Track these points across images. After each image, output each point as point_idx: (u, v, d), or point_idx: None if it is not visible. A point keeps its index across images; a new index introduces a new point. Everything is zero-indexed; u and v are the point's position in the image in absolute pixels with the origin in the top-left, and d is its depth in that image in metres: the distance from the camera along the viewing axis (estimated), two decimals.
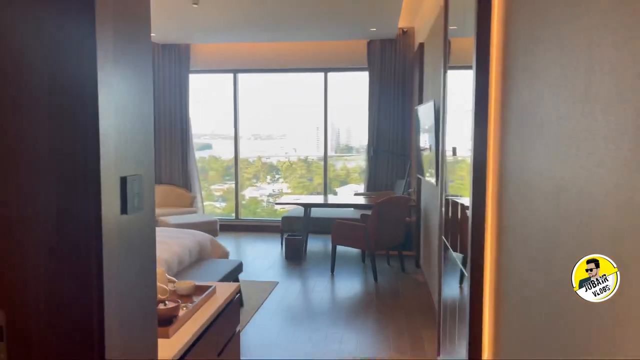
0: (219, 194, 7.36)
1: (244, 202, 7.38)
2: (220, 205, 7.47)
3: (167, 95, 7.37)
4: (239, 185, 7.79)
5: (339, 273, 5.43)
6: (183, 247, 4.01)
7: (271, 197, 7.38)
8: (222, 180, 7.40)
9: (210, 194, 7.27)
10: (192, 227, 5.95)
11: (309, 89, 7.78)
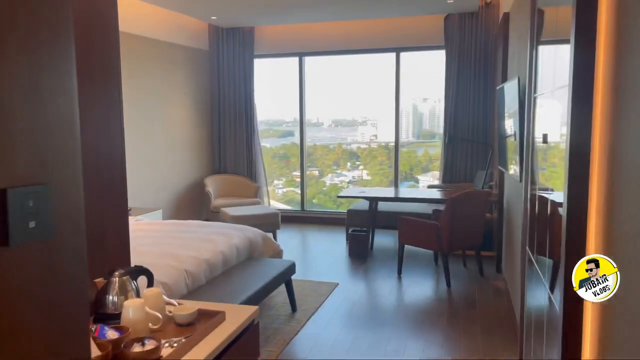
0: (300, 180, 7.21)
1: (325, 188, 7.19)
2: (299, 192, 7.23)
3: (232, 82, 7.12)
4: (305, 175, 7.42)
5: (407, 275, 4.88)
6: (230, 246, 3.67)
7: (351, 184, 7.15)
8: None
9: (292, 180, 7.12)
10: (252, 220, 5.66)
11: (380, 70, 7.20)
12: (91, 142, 1.74)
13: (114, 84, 1.84)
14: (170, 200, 6.41)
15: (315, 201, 7.26)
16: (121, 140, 1.89)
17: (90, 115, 1.73)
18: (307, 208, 7.49)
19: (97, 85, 1.76)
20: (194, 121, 6.93)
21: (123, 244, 1.91)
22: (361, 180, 7.25)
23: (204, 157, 7.19)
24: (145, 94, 5.90)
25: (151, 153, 6.04)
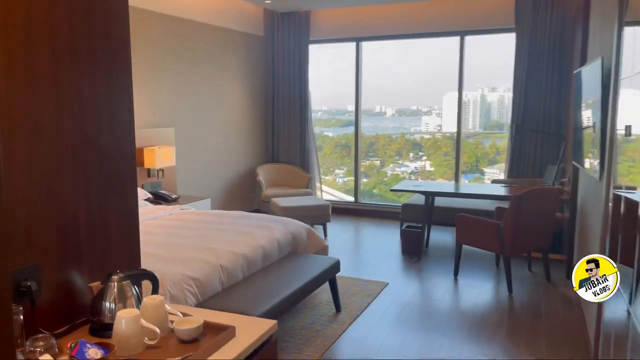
0: (361, 170, 7.09)
1: (386, 179, 7.02)
2: (362, 181, 7.11)
3: (286, 68, 6.91)
4: (359, 165, 7.12)
5: (465, 276, 4.49)
6: (271, 240, 3.46)
7: (413, 175, 6.99)
8: (365, 156, 7.12)
9: (353, 169, 6.88)
10: (302, 211, 5.46)
11: (441, 56, 6.75)
12: (91, 133, 1.55)
13: (121, 70, 1.64)
14: (222, 189, 6.33)
15: (376, 191, 7.10)
16: (130, 130, 1.69)
17: (88, 103, 1.53)
18: (362, 200, 7.20)
19: (98, 71, 1.56)
20: (248, 108, 6.80)
21: (131, 243, 1.72)
22: (424, 171, 7.04)
23: (257, 146, 7.05)
24: (199, 81, 5.81)
25: (203, 140, 5.96)
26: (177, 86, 5.50)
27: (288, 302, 3.00)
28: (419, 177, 6.95)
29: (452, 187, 5.43)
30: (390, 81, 7.20)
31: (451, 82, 6.47)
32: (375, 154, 7.18)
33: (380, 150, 7.18)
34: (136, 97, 4.62)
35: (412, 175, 7.05)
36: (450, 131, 6.89)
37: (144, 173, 5.04)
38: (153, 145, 5.06)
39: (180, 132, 5.57)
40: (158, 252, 2.98)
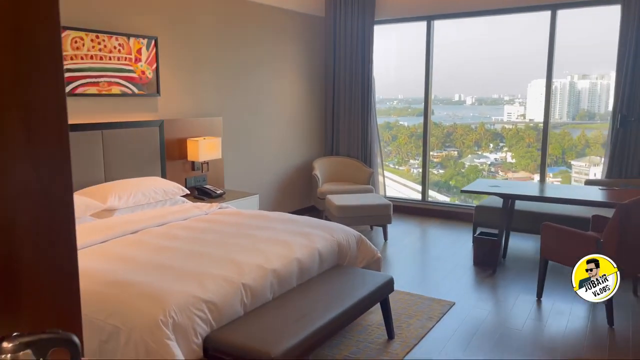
0: (437, 161, 6.79)
1: (463, 170, 6.63)
2: (437, 172, 6.76)
3: (348, 52, 6.29)
4: (427, 160, 6.39)
5: (551, 298, 3.71)
6: (310, 251, 2.90)
7: (492, 167, 6.60)
8: (441, 146, 6.85)
9: (428, 159, 6.45)
10: (359, 211, 4.89)
11: (527, 36, 5.84)
12: None
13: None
14: (275, 184, 5.86)
15: (452, 183, 6.69)
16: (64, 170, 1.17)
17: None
18: (433, 195, 6.47)
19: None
20: (304, 96, 6.27)
21: (61, 281, 1.21)
22: (505, 163, 6.54)
23: (314, 137, 6.52)
24: (250, 66, 5.35)
25: (254, 131, 5.51)
26: (226, 72, 5.07)
27: (325, 332, 2.44)
28: (499, 168, 6.47)
29: (536, 189, 4.58)
30: (468, 67, 6.42)
31: (537, 68, 5.57)
32: (452, 144, 6.80)
33: (458, 140, 6.78)
34: (179, 84, 4.17)
35: (492, 167, 6.61)
36: (535, 121, 6.08)
37: (187, 166, 4.66)
38: (198, 136, 4.67)
39: (229, 122, 5.15)
40: (171, 265, 2.52)
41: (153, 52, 4.23)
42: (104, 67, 3.88)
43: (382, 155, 6.50)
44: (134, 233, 3.14)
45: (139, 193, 3.67)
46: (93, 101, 3.87)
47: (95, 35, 3.80)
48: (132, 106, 4.16)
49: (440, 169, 6.98)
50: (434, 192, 6.58)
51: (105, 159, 3.89)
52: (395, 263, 4.59)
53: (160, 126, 4.34)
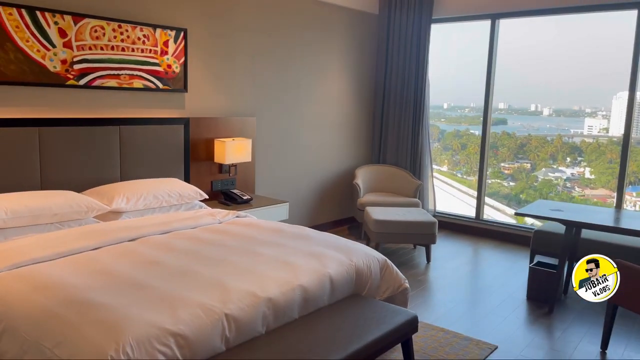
0: (508, 172, 6.42)
1: (536, 183, 6.25)
2: (508, 185, 6.39)
3: (401, 53, 5.79)
4: (484, 175, 5.76)
5: (619, 349, 3.05)
6: (319, 277, 2.47)
7: (568, 182, 6.21)
8: (513, 158, 6.51)
9: (499, 171, 6.33)
10: (400, 227, 4.43)
11: (612, 40, 5.09)
12: None
13: None
14: (312, 191, 5.46)
15: (523, 196, 6.27)
16: None
17: None
18: (486, 216, 5.84)
19: None
20: (351, 99, 5.83)
21: None
22: (582, 179, 6.13)
23: (360, 143, 6.05)
24: (292, 64, 4.99)
25: (291, 133, 5.14)
26: (263, 69, 4.73)
27: None
28: (575, 184, 6.07)
29: (608, 216, 3.88)
30: (544, 75, 5.78)
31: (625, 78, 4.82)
32: (525, 156, 6.41)
33: (532, 152, 6.40)
34: (209, 80, 3.84)
35: (567, 182, 6.22)
36: (618, 135, 5.42)
37: (214, 168, 4.36)
38: (227, 137, 4.36)
39: (263, 123, 4.81)
40: (149, 284, 2.18)
41: (181, 44, 3.96)
42: (126, 59, 3.64)
43: (432, 164, 5.93)
44: (131, 241, 2.85)
45: (150, 196, 3.38)
46: (112, 94, 3.64)
47: (118, 24, 3.57)
48: (155, 102, 3.91)
49: (511, 181, 6.63)
50: (502, 205, 6.20)
51: (122, 156, 3.65)
52: (434, 290, 4.05)
53: (185, 124, 4.06)
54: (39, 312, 1.96)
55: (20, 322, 1.96)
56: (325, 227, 5.62)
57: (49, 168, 3.27)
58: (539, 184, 6.29)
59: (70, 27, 3.32)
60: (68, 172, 3.36)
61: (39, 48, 3.20)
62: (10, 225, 2.75)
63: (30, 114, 3.24)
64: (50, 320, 1.90)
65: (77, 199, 3.05)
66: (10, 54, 3.08)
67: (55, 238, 2.68)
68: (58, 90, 3.35)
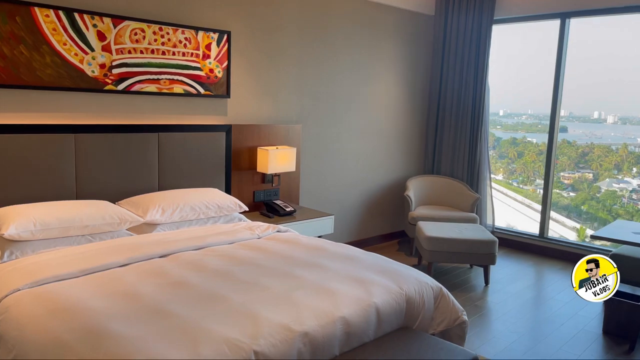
0: (568, 182, 6.14)
1: (598, 195, 5.99)
2: (567, 195, 6.09)
3: (459, 57, 5.40)
4: (550, 189, 5.27)
5: None
6: (364, 307, 2.17)
7: (634, 193, 5.94)
8: (574, 167, 6.28)
9: (557, 181, 5.98)
10: (455, 246, 4.05)
11: None
12: None
13: None
14: (361, 202, 5.15)
15: (585, 208, 6.01)
16: None
17: None
18: (550, 234, 5.32)
19: None
20: (403, 106, 5.48)
21: None
22: None
23: (412, 152, 5.69)
24: (340, 69, 4.72)
25: (339, 142, 4.86)
26: (310, 74, 4.48)
27: None
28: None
29: None
30: (611, 79, 5.29)
31: None
32: (587, 166, 6.19)
33: (595, 162, 6.17)
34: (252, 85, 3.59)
35: (634, 194, 5.93)
36: None
37: (257, 178, 4.14)
38: (271, 145, 4.14)
39: (309, 131, 4.55)
40: (171, 311, 1.94)
41: (224, 48, 3.77)
42: (167, 63, 3.49)
43: (491, 175, 5.49)
44: (162, 257, 2.64)
45: (187, 207, 3.19)
46: (151, 100, 3.49)
47: (159, 27, 3.42)
48: (196, 108, 3.73)
49: (571, 191, 6.33)
50: (562, 217, 5.81)
51: (160, 165, 3.49)
52: (493, 319, 3.63)
53: (227, 132, 3.87)
54: (50, 341, 1.77)
55: (31, 350, 1.78)
56: (374, 242, 5.29)
57: (85, 177, 3.14)
58: (602, 195, 6.01)
59: (110, 30, 3.19)
60: (104, 181, 3.23)
61: (77, 52, 3.08)
62: (38, 237, 2.61)
63: (67, 120, 3.12)
64: (60, 351, 1.70)
65: (109, 209, 2.88)
66: (47, 58, 2.97)
67: (82, 253, 2.52)
68: (96, 96, 3.23)
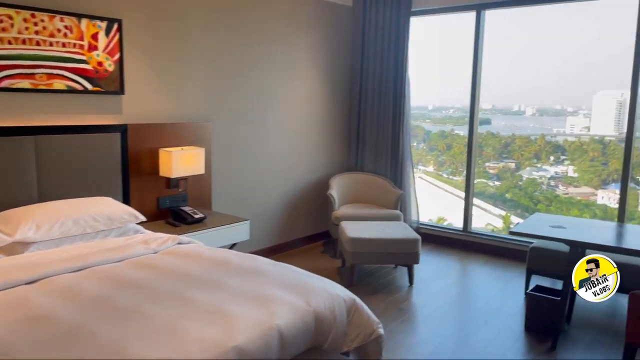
0: (494, 172, 6.40)
1: (521, 183, 6.25)
2: (493, 184, 6.31)
3: (378, 50, 5.23)
4: (472, 182, 5.24)
5: None
6: (263, 331, 1.88)
7: (552, 180, 6.24)
8: (498, 157, 6.56)
9: (484, 171, 6.25)
10: (377, 246, 3.88)
11: (609, 29, 4.60)
12: None
13: None
14: (282, 204, 4.87)
15: (509, 196, 6.27)
16: None
17: None
18: (474, 228, 5.30)
19: None
20: (325, 100, 5.25)
21: None
22: (565, 177, 6.18)
23: (336, 149, 5.48)
24: (252, 60, 4.40)
25: (256, 140, 4.54)
26: (219, 67, 4.13)
27: None
28: (559, 182, 6.09)
29: (614, 231, 3.35)
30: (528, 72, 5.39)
31: (606, 76, 4.41)
32: (510, 156, 6.51)
33: (517, 152, 6.53)
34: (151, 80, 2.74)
35: (552, 181, 6.26)
36: (600, 134, 5.42)
37: (161, 183, 3.74)
38: (176, 146, 3.75)
39: (221, 130, 4.21)
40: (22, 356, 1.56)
41: (115, 38, 3.35)
42: (43, 55, 3.02)
43: (415, 170, 5.38)
44: (30, 284, 2.22)
45: (69, 221, 2.76)
46: (25, 98, 3.01)
47: (31, 13, 2.95)
48: (83, 106, 3.29)
49: (496, 180, 6.63)
50: (488, 205, 6.04)
51: (39, 173, 3.03)
52: (417, 322, 3.47)
53: (123, 132, 3.45)
54: None
55: None
56: (297, 244, 5.03)
57: None
58: (523, 183, 6.30)
59: None
60: None
61: None
62: None
63: None
64: None
65: None
66: None
67: None
68: None
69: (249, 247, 4.30)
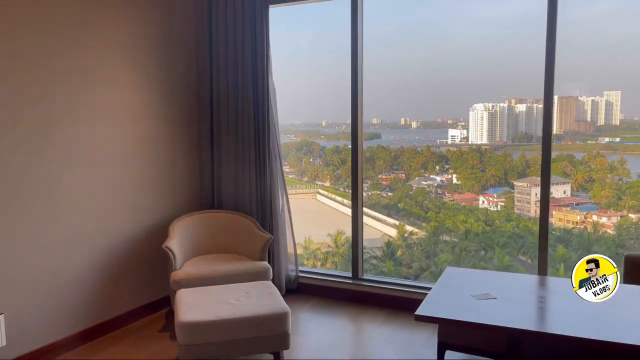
0: (386, 183, 6.76)
1: (411, 192, 6.51)
2: (387, 195, 6.63)
3: (231, 51, 3.97)
4: (359, 212, 4.12)
5: None
6: None
7: (439, 188, 6.70)
8: (389, 169, 6.98)
9: (377, 182, 6.61)
10: (224, 332, 2.56)
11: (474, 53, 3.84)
12: None
13: None
14: (97, 268, 3.37)
15: (401, 205, 6.57)
16: None
17: None
18: (366, 274, 4.19)
19: None
20: (158, 116, 3.85)
21: None
22: (450, 185, 6.68)
23: (181, 182, 4.09)
24: (40, 62, 2.90)
25: (45, 176, 3.02)
26: None
27: None
28: (445, 190, 6.63)
29: (533, 284, 2.35)
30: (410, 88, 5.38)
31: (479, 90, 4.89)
32: (400, 167, 6.97)
33: (406, 163, 7.04)
34: None
35: (439, 189, 6.71)
36: (477, 143, 5.97)
37: None
38: None
39: None
40: None
41: None
42: None
43: (290, 203, 4.15)
44: None
45: None
46: None
47: None
48: None
49: (389, 191, 6.95)
50: (383, 216, 6.36)
51: None
52: None
53: None
54: None
55: None
56: (127, 320, 3.57)
57: None
58: (414, 192, 6.77)
59: None
60: None
61: None
62: None
63: None
64: None
65: None
66: None
67: None
68: None
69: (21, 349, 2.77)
